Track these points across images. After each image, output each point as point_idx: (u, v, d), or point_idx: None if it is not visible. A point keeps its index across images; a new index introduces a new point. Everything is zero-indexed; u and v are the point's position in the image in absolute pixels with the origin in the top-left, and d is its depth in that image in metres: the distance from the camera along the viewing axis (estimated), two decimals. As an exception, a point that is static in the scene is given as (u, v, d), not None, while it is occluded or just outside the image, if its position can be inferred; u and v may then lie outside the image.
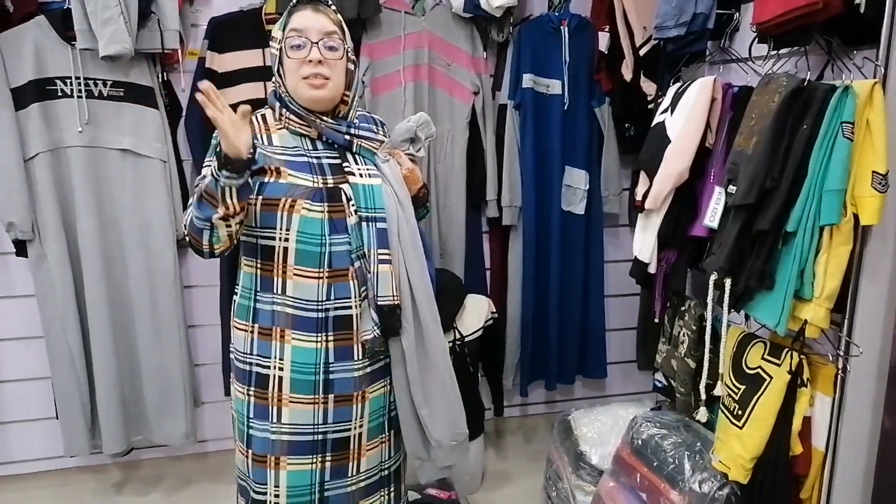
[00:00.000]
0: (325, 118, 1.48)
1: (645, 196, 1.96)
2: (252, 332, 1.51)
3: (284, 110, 1.48)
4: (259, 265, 1.49)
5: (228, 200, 1.32)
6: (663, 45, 2.08)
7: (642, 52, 2.39)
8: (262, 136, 1.48)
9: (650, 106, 2.44)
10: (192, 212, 1.39)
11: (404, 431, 1.60)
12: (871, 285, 1.53)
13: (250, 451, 1.54)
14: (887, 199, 1.46)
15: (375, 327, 1.49)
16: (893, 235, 1.52)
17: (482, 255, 2.78)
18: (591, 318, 2.82)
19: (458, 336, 2.35)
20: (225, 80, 2.32)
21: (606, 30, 2.57)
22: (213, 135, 1.37)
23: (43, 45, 2.17)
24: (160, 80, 2.31)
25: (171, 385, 2.40)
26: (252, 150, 1.31)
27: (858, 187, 1.44)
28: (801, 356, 1.59)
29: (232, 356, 1.59)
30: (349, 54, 1.49)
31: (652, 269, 2.01)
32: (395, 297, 1.49)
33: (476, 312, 2.44)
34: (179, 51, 2.27)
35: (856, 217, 1.46)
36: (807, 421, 1.64)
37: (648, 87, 2.45)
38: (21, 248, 2.25)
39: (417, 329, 1.54)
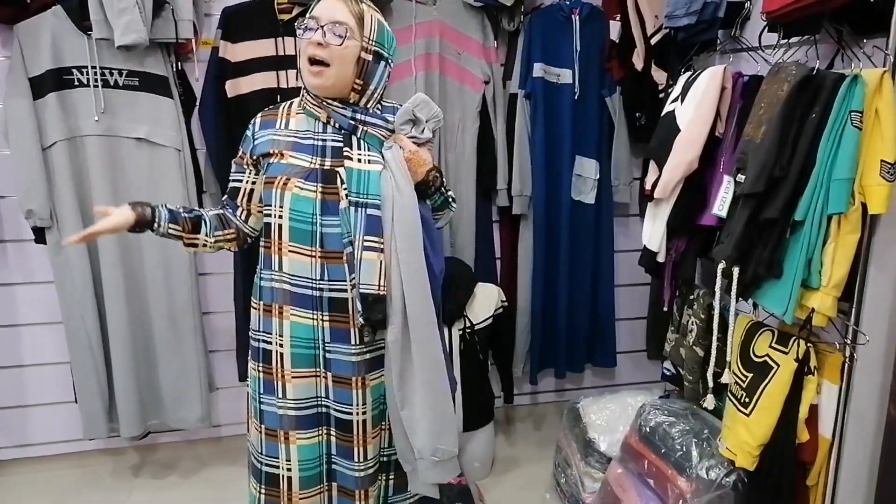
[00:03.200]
0: (333, 102, 1.50)
1: (654, 185, 1.97)
2: (258, 308, 1.59)
3: (304, 91, 1.54)
4: (263, 242, 1.57)
5: (171, 236, 1.55)
6: (674, 34, 2.07)
7: (653, 41, 2.39)
8: (281, 121, 1.57)
9: (661, 95, 2.44)
10: None
11: (392, 429, 1.60)
12: (879, 274, 1.54)
13: (263, 427, 1.59)
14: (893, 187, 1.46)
15: (359, 315, 1.49)
16: (902, 224, 1.51)
17: (492, 243, 2.80)
18: (601, 306, 2.84)
19: (467, 324, 2.38)
20: (238, 70, 2.34)
21: (618, 19, 2.56)
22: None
23: (60, 35, 2.20)
24: (174, 69, 2.33)
25: (187, 370, 2.45)
26: (145, 208, 1.50)
27: (867, 176, 1.45)
28: (809, 344, 1.60)
29: (250, 334, 1.64)
30: (366, 44, 1.48)
31: (661, 258, 2.02)
32: (381, 288, 1.47)
33: (486, 301, 2.46)
34: (193, 40, 2.30)
35: (864, 206, 1.47)
36: (813, 409, 1.65)
37: (659, 76, 2.45)
38: (40, 235, 2.30)
39: (404, 325, 1.50)
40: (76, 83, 2.23)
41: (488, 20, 2.57)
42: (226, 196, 1.67)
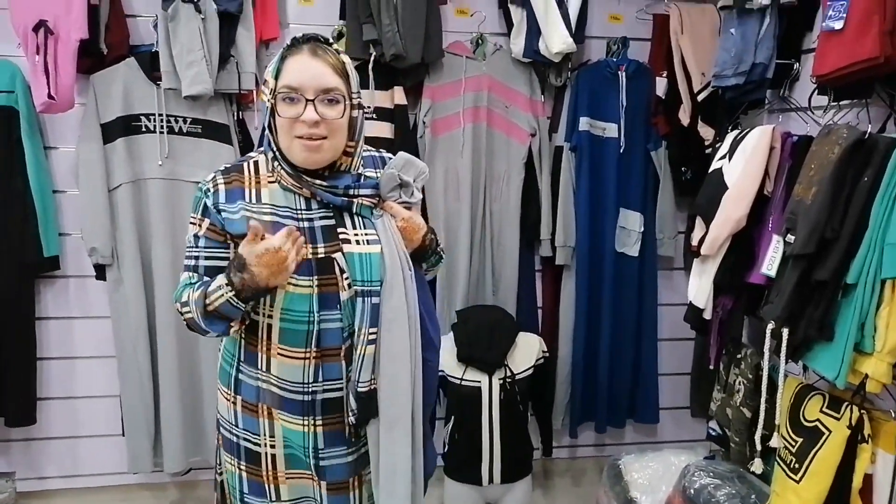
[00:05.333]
0: (318, 180, 1.30)
1: (701, 241, 1.97)
2: (235, 403, 1.37)
3: (276, 163, 1.31)
4: (243, 336, 1.35)
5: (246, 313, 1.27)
6: (721, 93, 2.10)
7: (700, 97, 2.41)
8: (250, 192, 1.31)
9: (707, 150, 2.45)
10: (196, 318, 1.28)
11: None
12: (937, 341, 1.49)
13: None
14: (953, 253, 1.43)
15: (352, 414, 1.32)
16: (961, 290, 1.48)
17: (535, 293, 2.81)
18: (644, 361, 2.80)
19: (508, 373, 2.37)
20: (294, 120, 2.44)
21: (664, 75, 2.60)
22: (195, 233, 1.31)
23: (131, 85, 2.34)
24: (235, 118, 2.45)
25: (230, 409, 2.49)
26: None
27: (922, 241, 1.43)
28: (862, 411, 1.56)
29: (218, 418, 1.45)
30: (354, 100, 1.30)
31: (707, 315, 2.00)
32: (373, 382, 1.30)
33: (527, 350, 2.45)
34: (254, 91, 2.42)
35: (920, 271, 1.44)
36: (868, 478, 1.60)
37: (706, 131, 2.47)
38: (101, 272, 2.40)
39: (385, 422, 1.33)
40: (143, 129, 2.36)
41: (536, 75, 2.63)
42: (193, 274, 1.34)
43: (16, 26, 2.15)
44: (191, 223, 1.34)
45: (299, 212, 1.31)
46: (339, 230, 1.31)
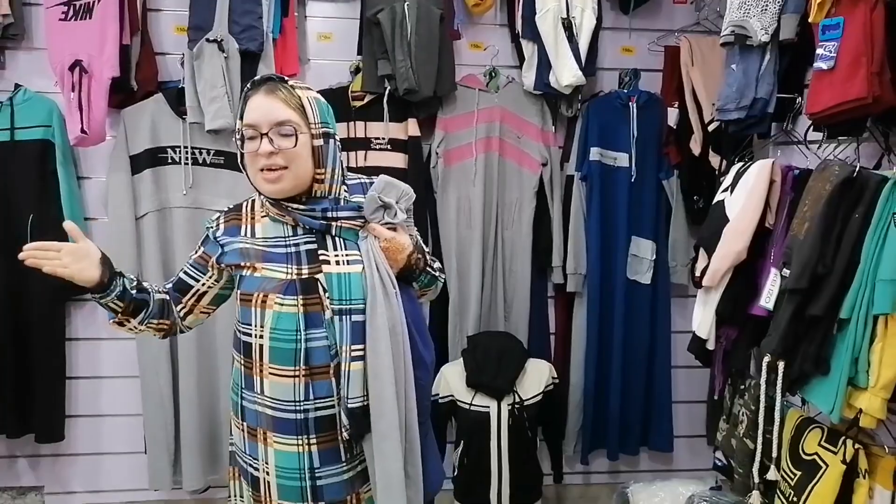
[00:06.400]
0: (296, 205, 1.39)
1: (704, 272, 1.99)
2: (243, 430, 1.45)
3: (263, 197, 1.42)
4: (242, 361, 1.43)
5: (110, 308, 1.38)
6: (725, 126, 2.13)
7: (711, 127, 2.44)
8: (246, 227, 1.44)
9: (720, 179, 2.47)
10: None
11: None
12: (933, 377, 1.49)
13: None
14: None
15: (345, 430, 1.38)
16: (956, 327, 1.48)
17: (547, 320, 2.84)
18: (657, 388, 2.80)
19: (517, 399, 2.40)
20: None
21: (675, 105, 2.64)
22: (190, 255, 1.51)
23: (159, 118, 2.47)
24: (255, 149, 2.56)
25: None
26: (107, 271, 1.33)
27: (913, 278, 1.43)
28: (858, 446, 1.56)
29: (233, 449, 1.53)
30: (315, 130, 1.37)
31: (710, 346, 2.01)
32: (365, 399, 1.36)
33: (537, 377, 2.48)
34: (274, 124, 2.52)
35: (913, 307, 1.45)
36: (866, 514, 1.59)
37: (717, 161, 2.49)
38: (127, 296, 2.52)
39: (377, 436, 1.37)
40: (169, 161, 2.49)
41: (547, 107, 2.69)
42: (171, 284, 1.51)
43: (53, 65, 2.30)
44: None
45: (287, 238, 1.41)
46: (320, 252, 1.39)
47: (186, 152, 2.48)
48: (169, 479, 2.55)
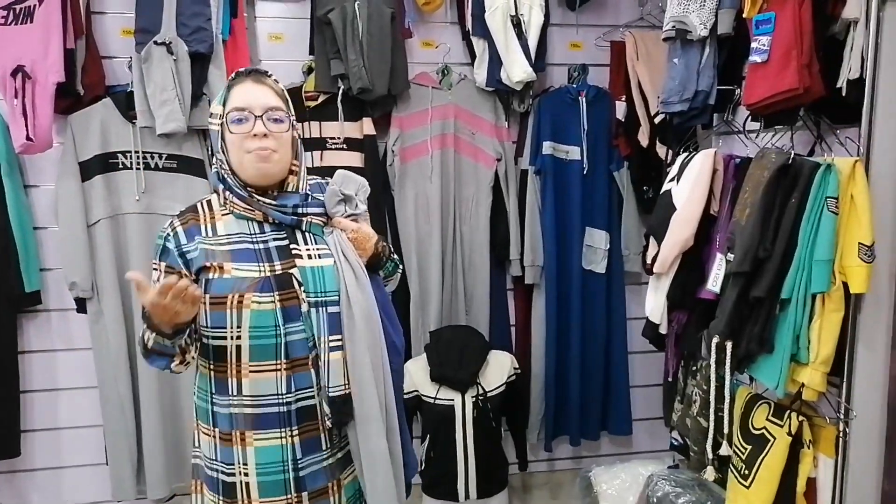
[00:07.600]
0: (267, 199, 1.39)
1: (654, 259, 2.07)
2: (212, 436, 1.43)
3: (228, 193, 1.41)
4: (212, 367, 1.41)
5: (182, 348, 1.34)
6: (670, 119, 2.20)
7: (657, 119, 2.51)
8: (206, 227, 1.41)
9: (668, 169, 2.55)
10: (144, 356, 1.39)
11: None
12: (867, 351, 1.59)
13: None
14: (878, 268, 1.53)
15: (328, 419, 1.40)
16: (887, 304, 1.58)
17: (507, 311, 2.89)
18: (615, 374, 2.89)
19: (480, 391, 2.45)
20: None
21: (623, 99, 2.71)
22: (155, 278, 1.39)
23: (108, 124, 2.42)
24: (209, 152, 2.53)
25: (211, 434, 2.55)
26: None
27: (846, 258, 1.53)
28: (802, 418, 1.65)
29: (198, 461, 1.49)
30: (293, 124, 1.43)
31: (663, 330, 2.09)
32: (346, 387, 1.39)
33: (499, 368, 2.54)
34: (227, 126, 2.50)
35: (846, 286, 1.54)
36: (811, 482, 1.68)
37: (664, 151, 2.57)
38: (81, 305, 2.47)
39: (360, 420, 1.41)
40: (120, 166, 2.45)
41: (500, 102, 2.73)
42: None
43: (-6, 71, 2.24)
44: (153, 269, 1.43)
45: (254, 236, 1.41)
46: (292, 247, 1.40)
47: (138, 157, 2.44)
48: (133, 489, 2.52)
